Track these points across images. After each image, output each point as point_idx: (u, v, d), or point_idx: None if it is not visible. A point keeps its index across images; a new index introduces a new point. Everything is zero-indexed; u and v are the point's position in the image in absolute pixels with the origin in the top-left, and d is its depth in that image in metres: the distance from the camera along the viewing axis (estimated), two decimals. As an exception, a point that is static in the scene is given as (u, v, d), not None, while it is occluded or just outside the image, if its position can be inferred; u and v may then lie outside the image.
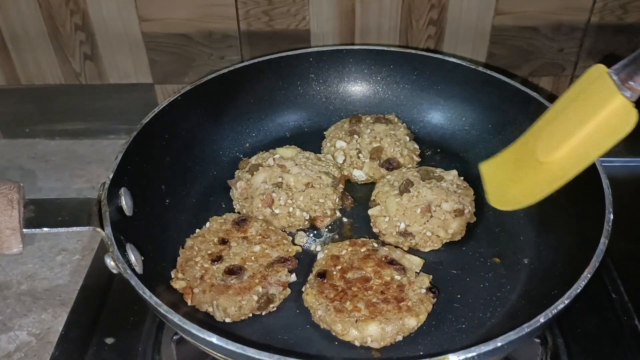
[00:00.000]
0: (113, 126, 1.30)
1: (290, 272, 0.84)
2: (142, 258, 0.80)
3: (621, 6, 1.13)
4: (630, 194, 1.09)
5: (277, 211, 0.92)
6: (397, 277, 0.82)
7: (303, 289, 0.82)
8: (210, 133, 1.05)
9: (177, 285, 0.82)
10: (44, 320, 0.96)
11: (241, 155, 1.06)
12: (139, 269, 0.78)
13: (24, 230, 0.74)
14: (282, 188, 0.93)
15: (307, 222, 0.94)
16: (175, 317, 0.68)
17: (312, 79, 1.11)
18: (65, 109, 1.27)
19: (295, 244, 0.91)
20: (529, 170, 0.76)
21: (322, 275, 0.82)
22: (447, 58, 1.07)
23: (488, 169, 0.85)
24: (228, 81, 1.05)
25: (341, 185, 0.99)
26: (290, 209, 0.92)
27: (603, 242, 0.74)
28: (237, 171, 1.00)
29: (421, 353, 0.77)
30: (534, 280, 0.84)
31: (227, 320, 0.80)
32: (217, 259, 0.84)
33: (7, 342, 0.93)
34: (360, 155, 1.01)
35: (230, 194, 0.99)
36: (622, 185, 0.90)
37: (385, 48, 1.10)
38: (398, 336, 0.77)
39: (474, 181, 0.99)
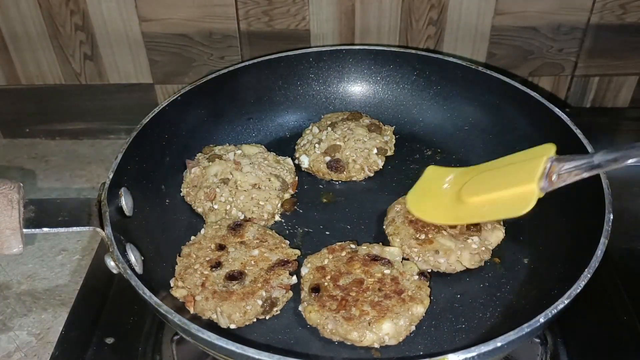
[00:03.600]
0: (113, 126, 1.30)
1: (291, 274, 0.84)
2: (142, 258, 0.80)
3: (621, 6, 1.13)
4: (630, 194, 1.09)
5: (215, 206, 0.92)
6: (387, 272, 0.82)
7: (301, 308, 0.81)
8: (210, 133, 1.05)
9: (178, 293, 0.81)
10: (44, 320, 0.96)
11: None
12: (139, 269, 0.78)
13: (24, 230, 0.74)
14: (227, 185, 0.93)
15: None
16: (175, 317, 0.68)
17: (312, 79, 1.11)
18: (65, 109, 1.27)
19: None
20: (449, 198, 0.85)
21: (316, 289, 0.80)
22: (447, 58, 1.07)
23: (430, 173, 0.91)
24: (228, 81, 1.05)
25: (290, 190, 0.98)
26: (228, 207, 0.92)
27: (603, 242, 0.74)
28: (199, 154, 1.00)
29: (421, 353, 0.77)
30: (534, 280, 0.84)
31: (232, 326, 0.79)
32: (217, 265, 0.83)
33: (7, 342, 0.93)
34: (318, 145, 1.01)
35: (183, 174, 0.98)
36: (622, 185, 0.89)
37: (385, 48, 1.10)
38: (411, 327, 0.77)
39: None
